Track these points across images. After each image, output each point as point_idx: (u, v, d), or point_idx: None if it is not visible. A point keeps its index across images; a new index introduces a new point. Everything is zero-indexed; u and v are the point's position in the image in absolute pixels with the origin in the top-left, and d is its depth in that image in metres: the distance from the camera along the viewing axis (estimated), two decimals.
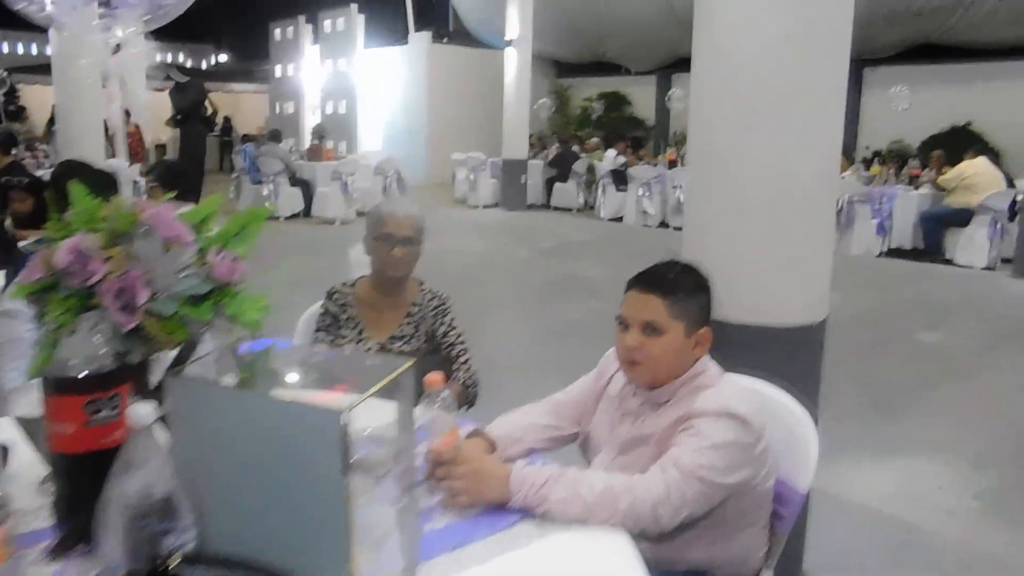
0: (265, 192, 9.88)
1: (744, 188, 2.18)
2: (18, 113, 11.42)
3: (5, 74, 7.14)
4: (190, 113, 10.28)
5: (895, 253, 8.46)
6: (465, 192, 12.57)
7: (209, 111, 10.50)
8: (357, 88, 15.30)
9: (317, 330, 2.31)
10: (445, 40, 15.99)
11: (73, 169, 2.58)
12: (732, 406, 1.41)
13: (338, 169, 9.87)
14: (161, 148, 13.01)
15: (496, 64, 11.97)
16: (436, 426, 1.35)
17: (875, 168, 9.74)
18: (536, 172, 12.18)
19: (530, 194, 12.07)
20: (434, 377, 1.35)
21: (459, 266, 7.83)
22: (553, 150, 12.69)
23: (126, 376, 0.99)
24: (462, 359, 2.27)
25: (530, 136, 13.06)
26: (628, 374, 1.56)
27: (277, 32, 16.01)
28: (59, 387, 0.95)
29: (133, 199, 1.07)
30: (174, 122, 10.41)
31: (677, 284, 1.51)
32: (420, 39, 15.39)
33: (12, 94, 11.69)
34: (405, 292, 2.33)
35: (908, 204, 8.54)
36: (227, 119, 15.04)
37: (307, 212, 10.20)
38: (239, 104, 19.46)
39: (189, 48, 19.87)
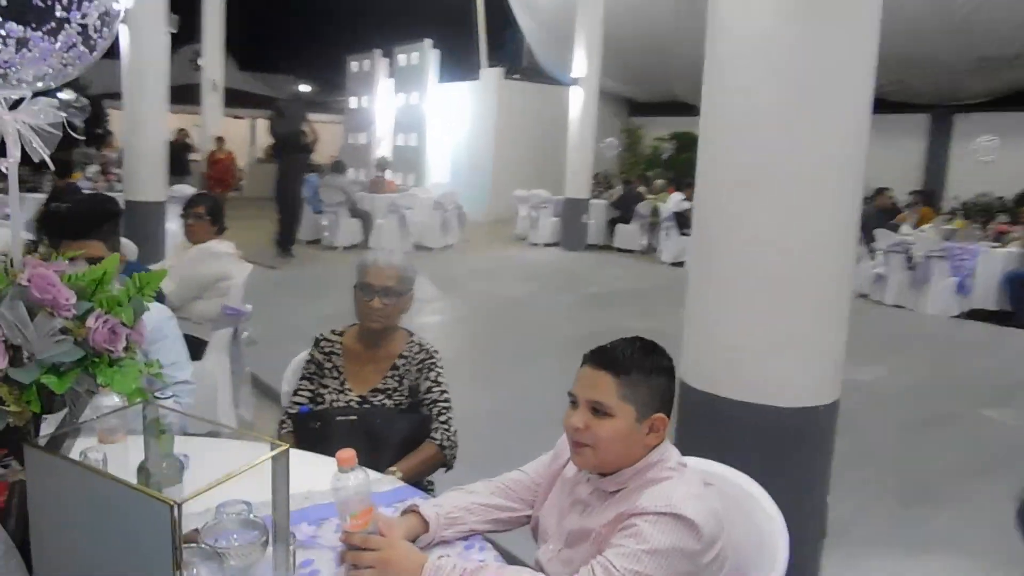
0: (325, 222, 10.13)
1: (747, 257, 2.06)
2: (104, 137, 12.13)
3: (86, 102, 7.61)
4: (289, 141, 9.49)
5: (977, 314, 7.94)
6: (526, 229, 12.61)
7: (309, 138, 9.68)
8: (428, 121, 15.64)
9: (301, 378, 2.29)
10: (516, 76, 16.20)
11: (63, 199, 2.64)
12: (679, 506, 1.29)
13: (396, 202, 10.05)
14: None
15: (565, 102, 12.03)
16: (349, 506, 1.28)
17: (958, 222, 9.24)
18: (599, 212, 12.12)
19: (592, 234, 12.02)
20: (346, 454, 1.29)
21: (495, 308, 7.80)
22: (617, 190, 12.61)
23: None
24: (442, 418, 2.19)
25: (595, 175, 13.03)
26: (574, 457, 1.46)
27: (354, 64, 16.58)
28: None
29: (30, 257, 1.06)
30: (274, 151, 9.85)
31: (632, 363, 1.40)
32: (491, 75, 15.65)
33: (100, 118, 12.45)
34: (391, 344, 2.28)
35: (992, 262, 8.04)
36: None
37: (365, 243, 10.38)
38: (320, 133, 20.19)
39: (268, 78, 20.79)
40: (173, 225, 7.77)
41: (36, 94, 1.05)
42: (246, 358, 3.78)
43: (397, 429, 2.13)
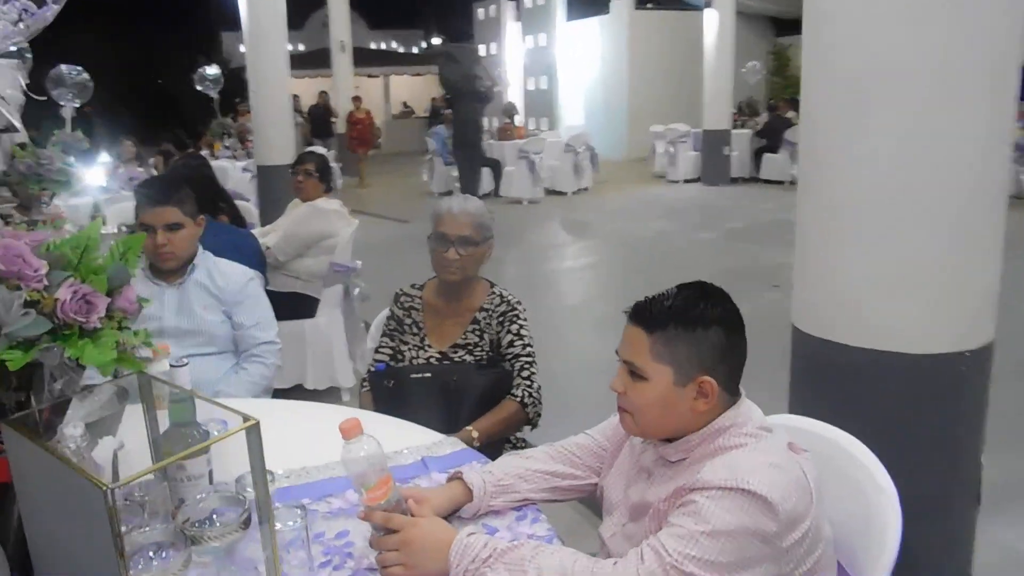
0: (455, 173, 10.20)
1: (866, 171, 1.73)
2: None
3: (217, 73, 8.04)
4: (463, 88, 8.48)
5: None
6: (664, 166, 12.09)
7: (486, 83, 8.57)
8: (558, 63, 15.27)
9: (383, 335, 2.24)
10: (648, 5, 15.38)
11: None
12: (747, 479, 1.08)
13: (524, 148, 9.90)
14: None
15: (701, 28, 11.26)
16: (364, 478, 1.18)
17: None
18: (743, 143, 11.36)
19: (736, 167, 11.31)
20: (348, 424, 1.17)
21: (628, 249, 7.52)
22: (762, 118, 11.73)
23: None
24: (524, 374, 2.06)
25: (739, 104, 12.19)
26: (621, 422, 1.28)
27: (480, 12, 16.44)
28: None
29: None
30: (445, 101, 9.01)
31: (669, 316, 1.19)
32: (621, 6, 14.94)
33: (242, 89, 13.13)
34: (471, 297, 2.17)
35: None
36: (433, 101, 15.76)
37: (496, 192, 10.37)
38: None
39: (400, 34, 21.10)
40: None
41: None
42: (360, 313, 3.83)
43: (474, 386, 2.02)
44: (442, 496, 1.30)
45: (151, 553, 0.86)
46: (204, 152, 7.46)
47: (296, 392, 3.57)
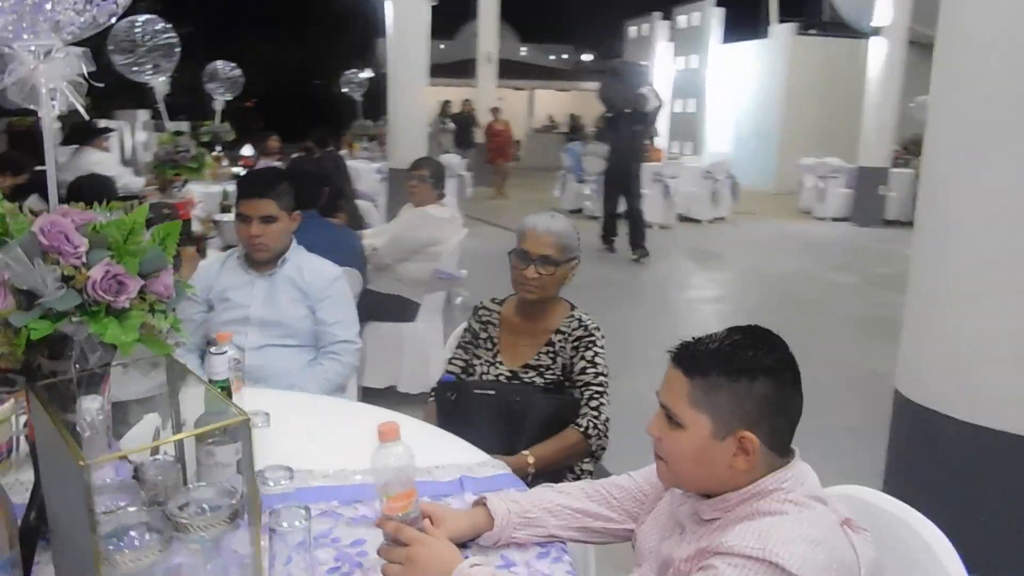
0: (587, 191, 10.17)
1: (994, 221, 1.55)
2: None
3: (363, 77, 8.45)
4: (625, 107, 7.66)
5: None
6: (811, 202, 11.51)
7: (652, 104, 7.78)
8: (708, 86, 14.93)
9: (457, 346, 2.24)
10: (811, 32, 14.73)
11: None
12: (776, 551, 0.97)
13: (660, 171, 9.72)
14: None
15: (866, 57, 10.64)
16: (388, 486, 1.17)
17: None
18: (904, 183, 10.58)
19: (892, 208, 10.56)
20: (387, 426, 1.17)
21: (758, 286, 7.18)
22: None
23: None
24: (592, 403, 1.99)
25: (902, 141, 11.39)
26: (656, 470, 1.20)
27: (632, 30, 16.37)
28: None
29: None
30: (604, 121, 8.07)
31: (712, 363, 1.09)
32: (782, 31, 14.40)
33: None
34: (549, 318, 2.12)
35: None
36: (573, 117, 15.83)
37: (627, 214, 10.23)
38: (591, 102, 20.41)
39: (548, 48, 21.37)
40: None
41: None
42: (460, 322, 3.87)
43: (538, 410, 1.97)
44: (463, 520, 1.27)
45: (133, 533, 0.88)
46: (343, 152, 7.85)
47: (388, 393, 3.66)
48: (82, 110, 1.06)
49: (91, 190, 2.69)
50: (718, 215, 10.71)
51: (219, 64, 5.72)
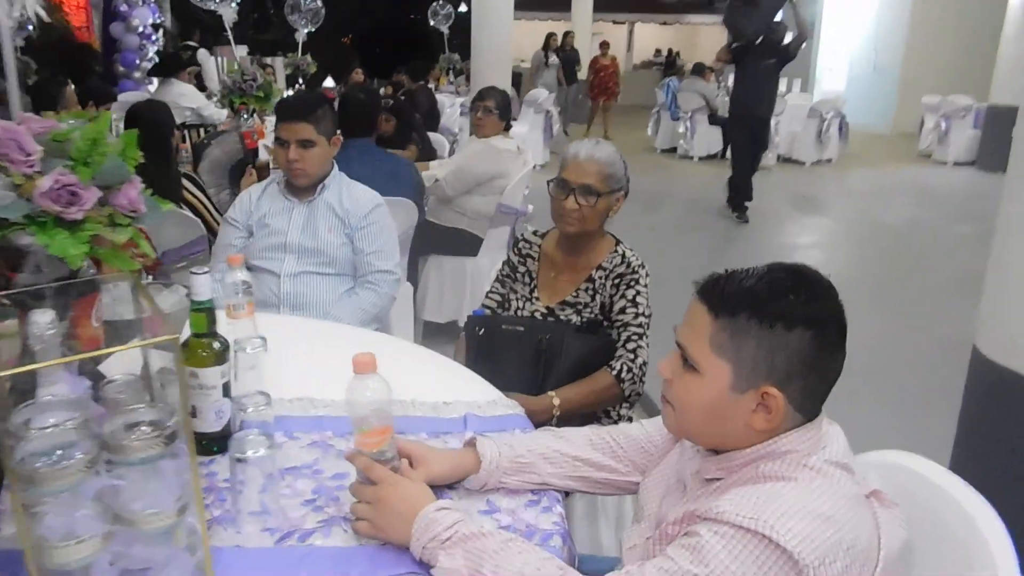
0: (681, 129, 9.74)
1: None
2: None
3: (449, 9, 8.27)
4: (758, 39, 6.38)
5: None
6: (932, 144, 10.60)
7: (788, 38, 6.51)
8: (821, 18, 13.88)
9: (496, 280, 2.14)
10: None
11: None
12: (772, 523, 0.84)
13: None
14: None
15: None
16: (362, 420, 1.10)
17: None
18: None
19: None
20: (363, 358, 1.09)
21: (863, 235, 6.71)
22: None
23: None
24: (629, 345, 1.86)
25: None
26: (663, 414, 1.07)
27: None
28: None
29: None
30: (730, 54, 6.70)
31: (743, 303, 0.94)
32: None
33: None
34: (591, 253, 1.99)
35: None
36: (671, 53, 15.07)
37: (723, 154, 9.77)
38: (696, 37, 19.42)
39: None
40: (521, 127, 8.21)
41: None
42: None
43: (570, 349, 1.86)
44: (446, 461, 1.19)
45: (60, 452, 0.84)
46: (431, 85, 7.78)
47: (449, 328, 3.63)
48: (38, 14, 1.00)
49: (146, 116, 2.72)
50: (824, 157, 10.05)
51: None
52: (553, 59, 10.48)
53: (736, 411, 0.95)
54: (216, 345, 1.22)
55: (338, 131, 2.26)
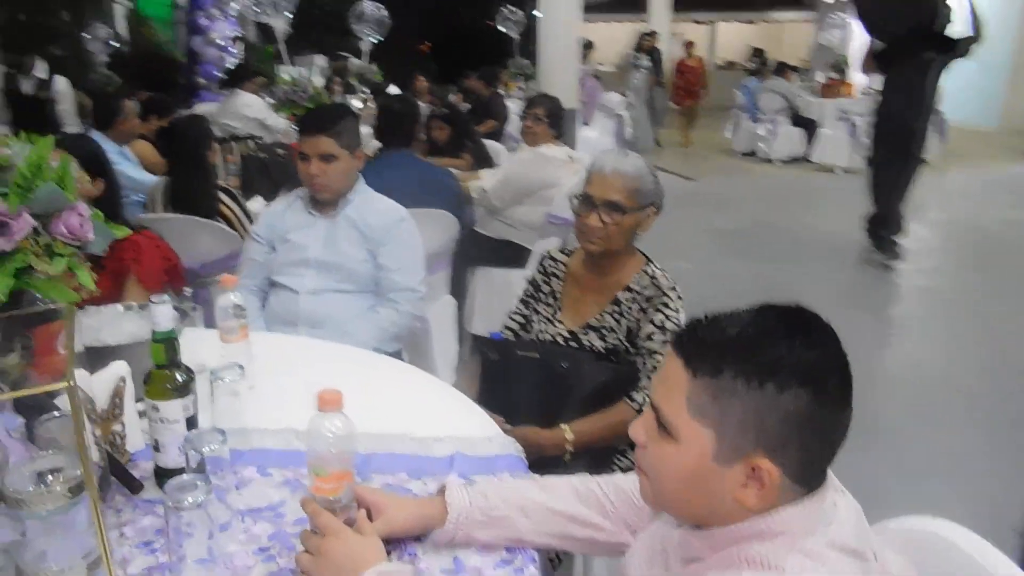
0: (761, 131, 9.35)
1: None
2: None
3: (520, 14, 8.16)
4: (913, 33, 4.91)
5: None
6: None
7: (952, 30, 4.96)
8: None
9: (519, 300, 2.03)
10: None
11: None
12: None
13: (847, 108, 8.69)
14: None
15: None
16: (320, 461, 1.02)
17: None
18: None
19: None
20: (329, 395, 1.01)
21: (959, 241, 6.24)
22: None
23: None
24: (653, 375, 1.72)
25: None
26: (640, 486, 0.93)
27: None
28: None
29: None
30: (874, 63, 5.29)
31: (729, 356, 0.79)
32: None
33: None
34: (619, 272, 1.86)
35: None
36: (757, 50, 14.49)
37: (807, 157, 9.33)
38: (782, 35, 18.66)
39: None
40: (592, 132, 8.04)
41: None
42: None
43: (588, 378, 1.73)
44: (410, 512, 1.08)
45: None
46: (500, 91, 7.71)
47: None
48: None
49: (182, 131, 2.75)
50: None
51: (367, 4, 5.74)
52: (644, 60, 10.10)
53: (721, 485, 0.81)
54: (179, 377, 1.16)
55: (362, 145, 2.20)
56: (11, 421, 0.96)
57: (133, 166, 3.23)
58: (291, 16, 5.28)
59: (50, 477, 0.84)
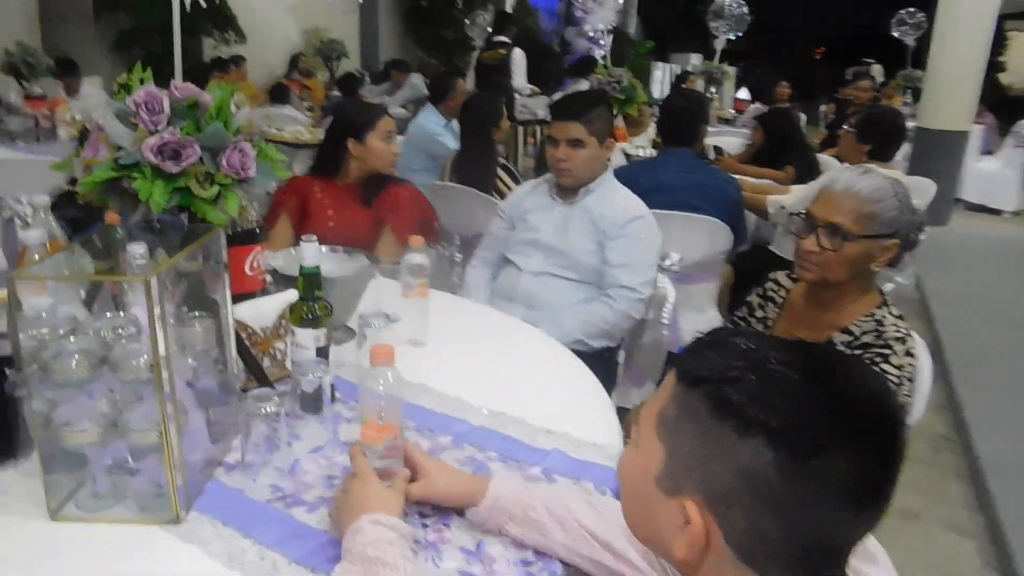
0: None
1: None
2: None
3: (921, 17, 7.08)
4: None
5: None
6: None
7: None
8: None
9: (731, 319, 1.90)
10: None
11: None
12: None
13: None
14: None
15: None
16: (369, 412, 1.10)
17: None
18: None
19: None
20: (382, 349, 1.09)
21: None
22: None
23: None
24: None
25: None
26: None
27: None
28: None
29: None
30: None
31: (710, 373, 0.69)
32: None
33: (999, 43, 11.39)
34: (842, 310, 1.64)
35: None
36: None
37: None
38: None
39: None
40: (993, 164, 6.90)
41: None
42: None
43: None
44: (451, 481, 1.12)
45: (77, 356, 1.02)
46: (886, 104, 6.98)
47: None
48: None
49: (472, 110, 3.08)
50: None
51: (727, 0, 5.58)
52: None
53: (660, 516, 0.72)
54: (314, 308, 1.33)
55: (612, 135, 2.22)
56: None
57: (453, 138, 3.63)
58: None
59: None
